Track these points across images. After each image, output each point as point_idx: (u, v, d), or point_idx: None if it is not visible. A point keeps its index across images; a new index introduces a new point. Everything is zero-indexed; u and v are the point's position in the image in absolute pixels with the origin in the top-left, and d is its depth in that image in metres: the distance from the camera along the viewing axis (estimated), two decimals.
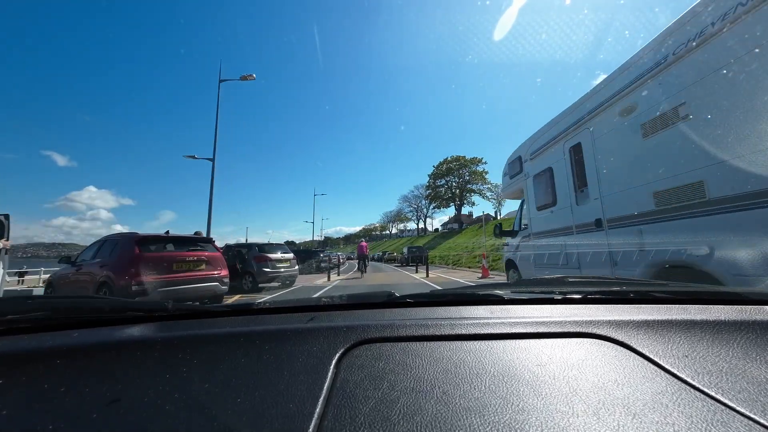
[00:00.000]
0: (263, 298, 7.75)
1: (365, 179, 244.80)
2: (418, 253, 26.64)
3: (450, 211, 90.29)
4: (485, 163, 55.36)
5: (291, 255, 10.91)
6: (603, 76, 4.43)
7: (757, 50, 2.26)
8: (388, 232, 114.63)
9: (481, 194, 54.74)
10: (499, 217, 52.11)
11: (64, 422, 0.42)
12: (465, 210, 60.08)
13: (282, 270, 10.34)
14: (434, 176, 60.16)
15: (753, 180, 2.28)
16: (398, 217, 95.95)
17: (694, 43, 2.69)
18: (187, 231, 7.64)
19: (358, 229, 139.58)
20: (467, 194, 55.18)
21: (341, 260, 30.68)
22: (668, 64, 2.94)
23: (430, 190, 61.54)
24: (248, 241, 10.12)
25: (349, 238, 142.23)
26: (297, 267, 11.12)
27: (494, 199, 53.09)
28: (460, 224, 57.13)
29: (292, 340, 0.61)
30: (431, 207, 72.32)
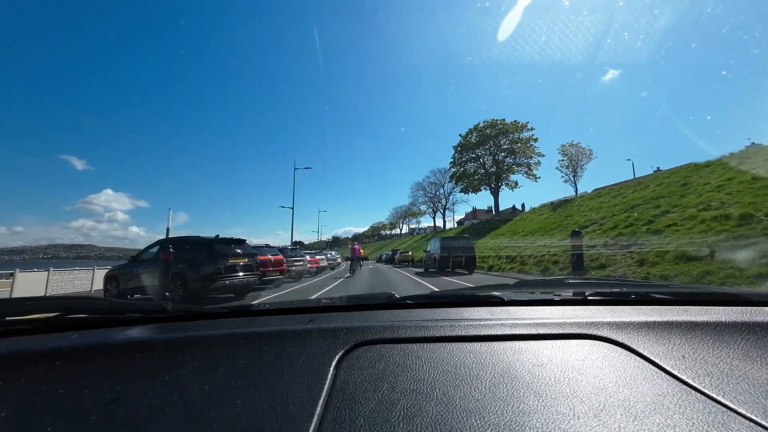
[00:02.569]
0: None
1: (374, 180, 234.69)
2: (459, 251, 13.95)
3: (460, 210, 76.26)
4: (532, 129, 35.90)
5: None
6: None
7: None
8: (398, 230, 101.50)
9: (528, 171, 36.09)
10: (528, 208, 37.76)
11: (63, 423, 0.42)
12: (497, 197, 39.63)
13: None
14: (461, 149, 40.63)
15: None
16: (410, 212, 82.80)
17: None
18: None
19: (366, 228, 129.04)
20: (506, 173, 37.45)
21: (324, 261, 19.43)
22: None
23: (455, 168, 42.59)
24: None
25: (357, 238, 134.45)
26: None
27: (566, 169, 34.77)
28: (499, 213, 40.70)
29: (291, 342, 0.61)
30: (456, 190, 56.47)
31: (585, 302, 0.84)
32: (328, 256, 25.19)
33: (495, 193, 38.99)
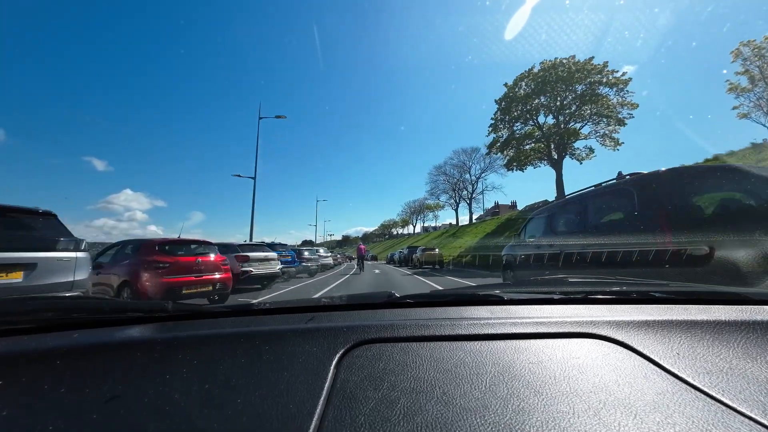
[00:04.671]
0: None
1: (384, 179, 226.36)
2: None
3: (492, 199, 65.14)
4: (618, 72, 21.87)
5: None
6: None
7: None
8: (411, 227, 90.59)
9: (614, 128, 22.57)
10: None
11: (64, 423, 0.42)
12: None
13: None
14: (506, 104, 26.46)
15: None
16: (426, 205, 71.65)
17: None
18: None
19: (377, 227, 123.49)
20: (573, 137, 23.37)
21: (272, 266, 11.01)
22: None
23: (497, 133, 27.98)
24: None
25: (367, 237, 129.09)
26: None
27: (749, 93, 16.96)
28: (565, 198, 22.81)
29: (292, 341, 0.61)
30: (487, 175, 43.06)
31: (585, 301, 0.83)
32: (305, 255, 14.51)
33: (557, 167, 26.92)
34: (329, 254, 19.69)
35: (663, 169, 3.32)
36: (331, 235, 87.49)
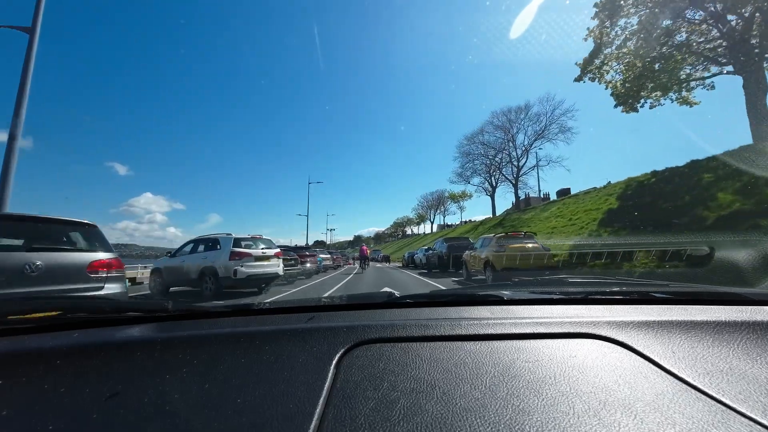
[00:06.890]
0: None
1: (396, 180, 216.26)
2: None
3: (552, 179, 52.13)
4: None
5: None
6: None
7: None
8: (428, 224, 77.61)
9: None
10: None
11: (63, 422, 0.42)
12: None
13: None
14: None
15: None
16: (451, 195, 58.83)
17: None
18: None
19: (389, 226, 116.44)
20: None
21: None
22: None
23: (604, 37, 12.81)
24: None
25: (380, 237, 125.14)
26: None
27: None
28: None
29: (292, 341, 0.61)
30: (548, 135, 29.32)
31: (585, 301, 0.83)
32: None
33: (758, 75, 11.35)
34: (273, 251, 7.87)
35: None
36: (331, 230, 76.29)
